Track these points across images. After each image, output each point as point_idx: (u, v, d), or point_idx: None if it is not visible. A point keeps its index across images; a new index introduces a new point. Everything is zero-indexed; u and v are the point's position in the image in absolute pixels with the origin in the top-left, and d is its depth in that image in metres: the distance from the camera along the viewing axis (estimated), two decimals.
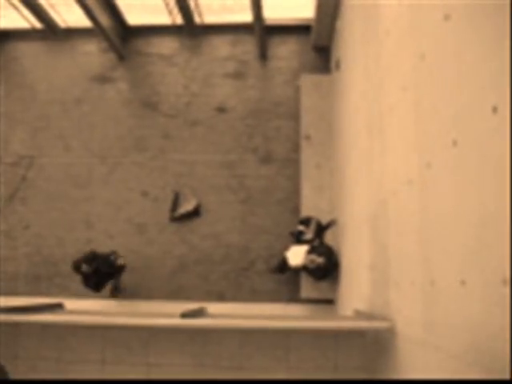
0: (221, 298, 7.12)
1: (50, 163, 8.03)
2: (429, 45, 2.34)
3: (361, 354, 3.49)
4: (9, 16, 8.43)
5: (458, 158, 1.92)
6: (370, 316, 3.58)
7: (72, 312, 4.10)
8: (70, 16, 8.36)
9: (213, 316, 3.68)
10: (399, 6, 2.98)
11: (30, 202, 7.93)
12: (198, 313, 3.61)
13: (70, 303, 4.55)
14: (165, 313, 3.84)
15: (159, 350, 3.65)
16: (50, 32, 8.61)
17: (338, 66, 6.57)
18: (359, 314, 3.96)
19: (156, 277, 7.34)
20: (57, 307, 4.27)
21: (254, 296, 7.08)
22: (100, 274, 6.72)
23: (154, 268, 7.38)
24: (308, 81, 7.44)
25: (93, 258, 6.74)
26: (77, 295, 7.12)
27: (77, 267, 6.65)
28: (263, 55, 8.12)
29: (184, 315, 3.25)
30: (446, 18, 2.06)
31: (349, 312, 4.79)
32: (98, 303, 6.93)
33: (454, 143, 1.94)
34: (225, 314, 4.13)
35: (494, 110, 1.59)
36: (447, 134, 2.03)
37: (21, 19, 8.42)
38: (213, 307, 4.20)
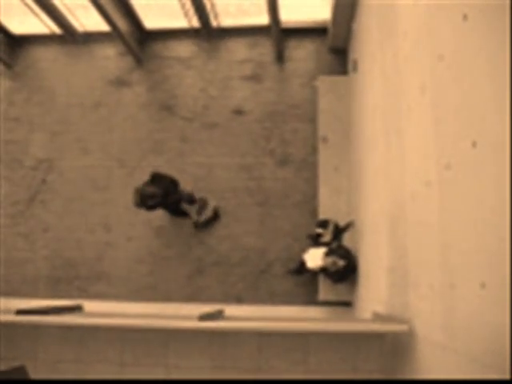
0: (239, 300, 7.13)
1: (69, 166, 8.11)
2: (447, 45, 2.33)
3: (379, 356, 3.47)
4: (28, 21, 8.54)
5: (478, 159, 1.90)
6: (388, 319, 3.56)
7: (91, 314, 4.13)
8: (88, 20, 8.44)
9: (231, 318, 3.69)
10: (416, 6, 2.97)
11: (49, 205, 8.01)
12: (216, 315, 3.62)
13: (89, 305, 4.59)
14: (183, 315, 3.86)
15: (178, 352, 3.66)
16: (69, 37, 8.70)
17: (355, 67, 6.55)
18: (378, 317, 3.94)
19: (174, 279, 7.37)
20: (76, 309, 4.31)
21: (272, 298, 7.08)
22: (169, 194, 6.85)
23: (172, 270, 7.41)
24: (325, 82, 7.42)
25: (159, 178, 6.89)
26: (96, 297, 7.18)
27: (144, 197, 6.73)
28: (280, 57, 8.12)
29: (202, 318, 3.26)
30: (465, 18, 2.05)
31: (367, 314, 4.76)
32: (117, 305, 6.99)
33: (474, 144, 1.93)
34: (243, 316, 4.13)
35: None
36: (466, 135, 2.01)
37: (40, 24, 8.51)
38: (231, 309, 4.21)
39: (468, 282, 2.01)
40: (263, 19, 7.75)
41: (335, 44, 7.82)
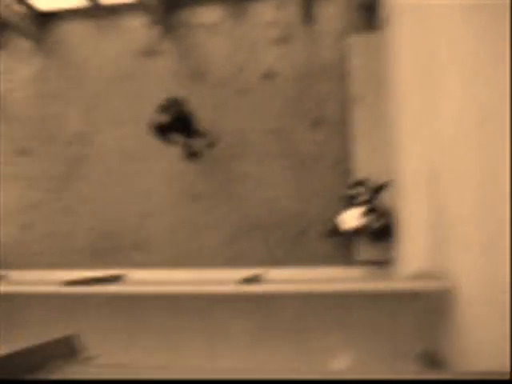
0: (277, 263, 7.17)
1: (105, 139, 8.20)
2: None
3: (420, 314, 3.47)
4: None
5: None
6: (429, 276, 3.54)
7: (134, 282, 4.22)
8: None
9: (271, 281, 3.72)
10: None
11: (87, 179, 8.14)
12: (257, 279, 3.66)
13: (132, 274, 4.69)
14: (224, 279, 3.91)
15: (221, 317, 3.72)
16: (95, 10, 8.69)
17: (387, 23, 6.39)
18: (418, 275, 3.92)
19: (213, 245, 7.45)
20: (116, 279, 4.41)
21: (311, 260, 7.10)
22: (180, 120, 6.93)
23: (210, 236, 7.49)
24: (356, 40, 7.27)
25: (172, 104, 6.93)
26: (138, 266, 7.33)
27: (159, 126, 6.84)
28: (308, 18, 7.97)
29: (243, 281, 3.30)
30: None
31: (407, 273, 4.75)
32: (159, 273, 7.12)
33: None
34: (282, 279, 4.17)
35: None
36: (504, 87, 1.96)
37: None
38: (270, 272, 4.25)
39: (507, 238, 1.98)
40: None
41: (364, 0, 7.63)
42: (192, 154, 7.58)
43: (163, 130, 6.78)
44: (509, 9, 1.60)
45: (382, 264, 6.52)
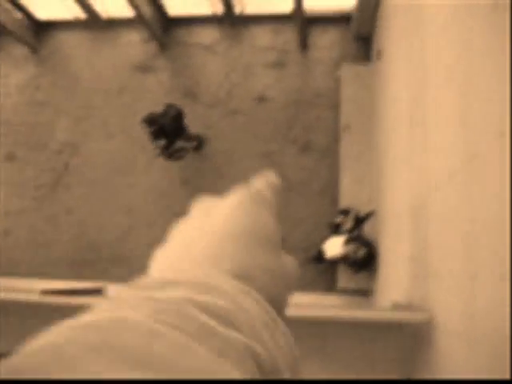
0: None
1: (93, 150, 8.19)
2: (475, 34, 2.31)
3: (399, 345, 3.48)
4: (53, 7, 8.62)
5: (505, 149, 1.89)
6: (408, 308, 3.56)
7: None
8: (113, 6, 8.50)
9: None
10: None
11: (73, 189, 8.11)
12: None
13: (111, 288, 4.65)
14: None
15: None
16: (93, 22, 8.75)
17: (379, 55, 6.50)
18: (397, 306, 3.94)
19: None
20: (98, 291, 4.37)
21: None
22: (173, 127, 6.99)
23: None
24: (349, 70, 7.38)
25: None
26: (118, 280, 7.28)
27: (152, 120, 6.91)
28: (304, 45, 8.09)
29: None
30: (494, 7, 2.03)
31: (387, 303, 4.77)
32: None
33: (502, 134, 1.92)
34: None
35: None
36: (494, 125, 2.01)
37: (64, 10, 8.59)
38: None
39: (490, 273, 2.02)
40: (287, 6, 7.72)
41: (359, 32, 7.76)
42: (174, 154, 7.56)
43: (153, 123, 6.86)
44: (508, 41, 1.64)
45: (363, 293, 6.54)
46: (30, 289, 4.35)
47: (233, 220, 0.59)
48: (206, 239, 0.57)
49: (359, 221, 6.39)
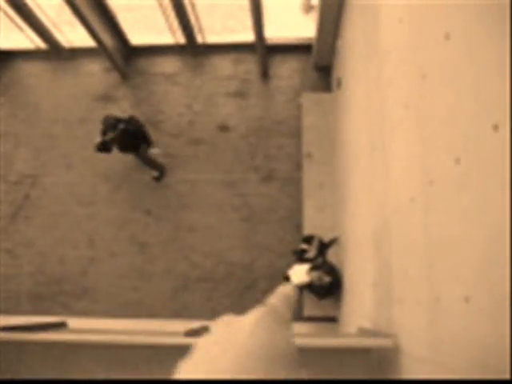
0: (224, 316, 7.09)
1: (54, 182, 8.07)
2: (430, 64, 2.38)
3: (365, 371, 3.48)
4: (13, 36, 8.55)
5: (461, 176, 1.94)
6: (373, 334, 3.57)
7: (75, 330, 4.09)
8: (74, 36, 8.49)
9: None
10: (400, 25, 3.03)
11: (33, 221, 7.95)
12: (202, 331, 3.60)
13: (73, 322, 4.55)
14: (169, 331, 3.84)
15: (164, 368, 3.63)
16: (54, 52, 8.71)
17: (339, 84, 6.62)
18: (362, 332, 3.95)
19: (159, 295, 7.33)
20: (60, 326, 4.27)
21: None
22: (130, 133, 6.96)
23: (156, 286, 7.38)
24: (309, 99, 7.49)
25: (116, 121, 6.96)
26: (80, 314, 7.12)
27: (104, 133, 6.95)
28: (265, 74, 8.19)
29: (188, 334, 3.25)
30: (447, 37, 2.10)
31: (352, 330, 4.78)
32: (102, 322, 6.93)
33: (457, 161, 1.96)
34: None
35: (495, 128, 1.61)
36: (450, 152, 2.05)
37: (25, 39, 8.53)
38: None
39: (452, 296, 2.04)
40: (248, 36, 7.83)
41: (319, 61, 7.91)
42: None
43: (106, 146, 6.93)
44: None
45: (329, 320, 6.54)
46: None
47: (252, 338, 0.67)
48: (229, 356, 0.64)
49: (323, 247, 6.42)
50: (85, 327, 4.69)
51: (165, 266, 7.45)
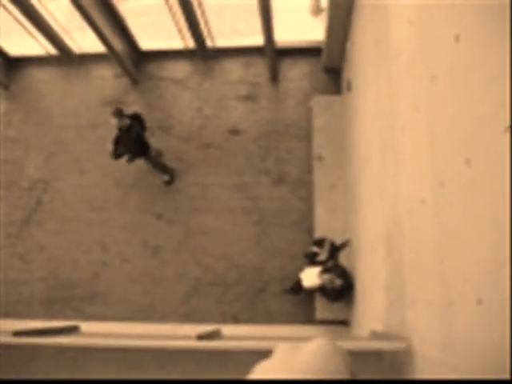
0: (235, 319, 7.10)
1: (66, 186, 8.11)
2: (440, 66, 2.37)
3: (378, 374, 3.46)
4: (24, 43, 8.62)
5: (472, 177, 1.93)
6: (386, 336, 3.55)
7: (88, 334, 4.11)
8: (85, 42, 8.53)
9: (228, 338, 3.67)
10: (409, 26, 3.02)
11: (45, 226, 8.00)
12: (214, 335, 3.61)
13: (85, 326, 4.57)
14: (180, 335, 3.84)
15: (176, 372, 3.64)
16: (65, 58, 8.76)
17: (349, 87, 6.61)
18: (375, 335, 3.94)
19: (170, 299, 7.34)
20: (73, 330, 4.29)
21: (269, 318, 7.05)
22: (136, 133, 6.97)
23: (168, 290, 7.39)
24: (319, 102, 7.48)
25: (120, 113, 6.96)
26: (92, 318, 7.15)
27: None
28: (275, 77, 8.19)
29: (200, 337, 3.25)
30: (457, 39, 2.09)
31: (365, 333, 4.75)
32: (114, 326, 6.95)
33: (468, 162, 1.95)
34: (240, 335, 4.12)
35: (506, 129, 1.60)
36: (460, 154, 2.04)
37: (36, 45, 8.59)
38: (228, 329, 4.19)
39: (465, 299, 2.03)
40: (258, 40, 7.83)
41: (329, 64, 7.90)
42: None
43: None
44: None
45: (341, 323, 6.52)
46: (2, 329, 4.25)
47: (314, 362, 0.71)
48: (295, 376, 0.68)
49: (334, 250, 6.40)
50: (97, 331, 4.72)
51: (176, 269, 7.46)
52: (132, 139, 6.89)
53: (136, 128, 6.92)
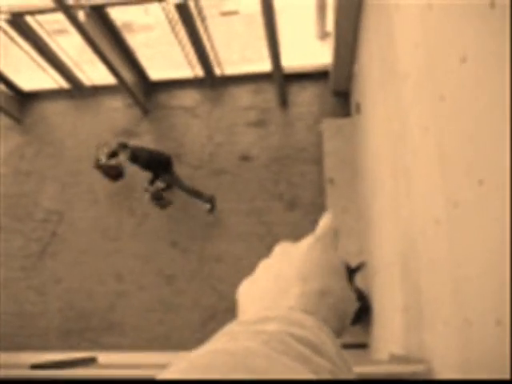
0: None
1: (80, 217, 8.17)
2: (447, 86, 2.38)
3: None
4: (36, 77, 8.77)
5: (485, 197, 1.92)
6: (405, 359, 3.51)
7: (106, 366, 4.10)
8: (95, 74, 8.67)
9: None
10: (416, 48, 3.04)
11: (60, 257, 8.04)
12: None
13: (102, 357, 4.55)
14: None
15: None
16: (77, 91, 8.90)
17: (358, 109, 6.64)
18: (394, 358, 3.89)
19: (187, 327, 7.31)
20: (90, 361, 4.28)
21: None
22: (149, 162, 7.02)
23: (184, 318, 7.36)
24: (329, 125, 7.52)
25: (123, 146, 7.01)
26: (109, 348, 7.13)
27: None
28: (284, 102, 8.25)
29: None
30: (463, 60, 2.10)
31: (383, 356, 4.70)
32: (131, 356, 6.92)
33: (480, 182, 1.95)
34: None
35: None
36: (473, 174, 2.04)
37: (48, 79, 8.74)
38: None
39: (483, 320, 2.01)
40: (266, 66, 7.92)
41: (337, 87, 7.95)
42: (159, 200, 7.58)
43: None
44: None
45: (360, 346, 6.45)
46: (18, 363, 4.25)
47: (309, 255, 0.78)
48: (294, 269, 0.75)
49: (350, 273, 6.37)
50: (114, 361, 4.69)
51: (192, 297, 7.45)
52: (145, 157, 6.99)
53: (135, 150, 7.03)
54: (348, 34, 6.51)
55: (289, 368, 0.45)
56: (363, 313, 5.88)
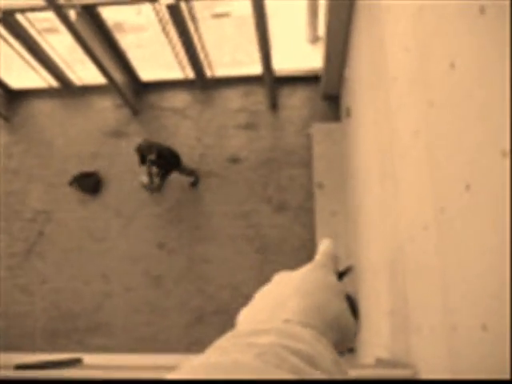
0: None
1: (67, 218, 8.12)
2: (437, 92, 2.39)
3: None
4: (26, 76, 8.72)
5: (472, 202, 1.93)
6: (391, 364, 3.52)
7: (91, 367, 4.07)
8: (85, 74, 8.63)
9: None
10: (406, 53, 3.05)
11: (47, 257, 7.99)
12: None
13: (88, 358, 4.52)
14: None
15: None
16: (66, 90, 8.85)
17: (348, 113, 6.66)
18: (381, 363, 3.89)
19: (174, 329, 7.29)
20: (76, 362, 4.24)
21: None
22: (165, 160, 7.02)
23: (171, 320, 7.34)
24: (319, 129, 7.53)
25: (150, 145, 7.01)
26: (95, 350, 7.09)
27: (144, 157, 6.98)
28: (274, 106, 8.26)
29: None
30: (452, 66, 2.11)
31: (370, 360, 4.71)
32: (117, 357, 6.88)
33: (467, 187, 1.96)
34: None
35: (504, 154, 1.61)
36: (460, 179, 2.05)
37: (38, 78, 8.69)
38: None
39: (469, 325, 2.01)
40: (256, 69, 7.92)
41: (328, 91, 7.97)
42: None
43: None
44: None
45: (347, 350, 6.45)
46: (3, 364, 4.21)
47: (307, 277, 0.80)
48: (292, 287, 0.76)
49: (338, 277, 6.36)
50: (100, 363, 4.66)
51: (179, 299, 7.43)
52: (166, 156, 6.99)
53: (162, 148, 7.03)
54: (339, 39, 6.53)
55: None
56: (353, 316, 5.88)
